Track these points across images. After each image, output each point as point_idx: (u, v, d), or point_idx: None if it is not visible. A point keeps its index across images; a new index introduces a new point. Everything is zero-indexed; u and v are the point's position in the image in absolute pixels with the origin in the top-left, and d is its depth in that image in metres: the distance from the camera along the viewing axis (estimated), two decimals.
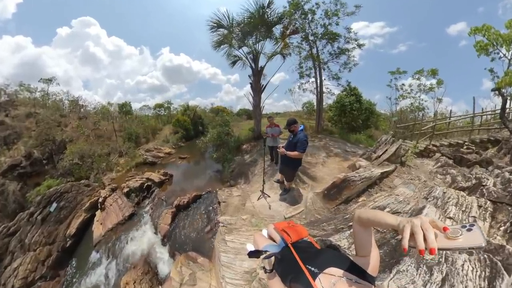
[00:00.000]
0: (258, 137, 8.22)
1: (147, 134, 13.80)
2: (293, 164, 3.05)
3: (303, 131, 2.94)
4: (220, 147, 7.59)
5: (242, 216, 3.03)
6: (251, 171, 5.37)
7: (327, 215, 2.59)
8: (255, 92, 7.97)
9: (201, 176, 6.73)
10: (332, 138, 8.58)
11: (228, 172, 5.82)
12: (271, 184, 4.10)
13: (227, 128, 7.93)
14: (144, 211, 5.00)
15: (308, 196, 3.34)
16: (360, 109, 10.20)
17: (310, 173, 4.44)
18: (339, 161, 5.03)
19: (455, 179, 2.97)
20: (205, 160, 9.07)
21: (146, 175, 6.62)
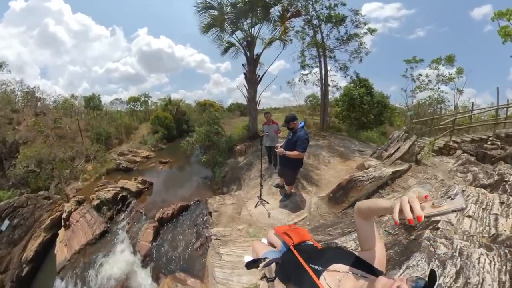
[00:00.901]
0: (254, 136, 8.37)
1: (120, 134, 13.62)
2: (293, 165, 3.20)
3: (303, 128, 3.08)
4: (209, 149, 7.70)
5: (238, 226, 3.14)
6: (246, 175, 5.49)
7: (333, 220, 2.75)
8: (249, 84, 8.13)
9: (187, 183, 6.78)
10: (339, 136, 8.86)
11: (220, 177, 5.92)
12: (270, 190, 4.23)
13: (217, 127, 8.04)
14: (120, 227, 4.97)
15: (311, 201, 3.50)
16: (371, 102, 10.53)
17: (313, 176, 4.61)
18: (347, 162, 5.24)
19: (477, 177, 3.20)
20: (192, 165, 9.12)
21: (120, 183, 6.57)
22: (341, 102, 11.62)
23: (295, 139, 2.98)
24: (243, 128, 9.74)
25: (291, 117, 3.09)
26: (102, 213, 5.40)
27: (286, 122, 3.08)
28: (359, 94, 10.34)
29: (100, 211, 5.46)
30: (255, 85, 8.15)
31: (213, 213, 3.94)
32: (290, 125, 3.08)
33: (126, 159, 9.37)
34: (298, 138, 2.94)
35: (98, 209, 5.50)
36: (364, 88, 10.58)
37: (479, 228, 1.81)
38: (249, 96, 8.27)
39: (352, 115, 10.99)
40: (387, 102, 10.90)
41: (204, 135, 7.58)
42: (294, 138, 3.00)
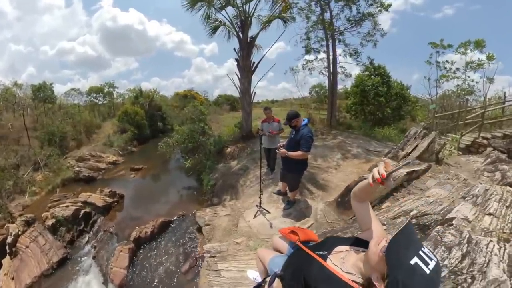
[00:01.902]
0: (248, 136, 8.66)
1: (79, 134, 13.48)
2: (297, 167, 3.49)
3: (307, 125, 3.37)
4: (193, 152, 7.89)
5: (236, 240, 3.36)
6: (241, 182, 5.74)
7: (343, 226, 3.07)
8: (243, 73, 8.42)
9: (168, 195, 6.94)
10: (350, 134, 9.28)
11: (208, 186, 6.10)
12: (271, 197, 4.49)
13: (203, 125, 8.23)
14: (84, 252, 4.94)
15: (318, 207, 3.80)
16: (388, 94, 11.02)
17: (320, 181, 4.91)
18: (359, 164, 5.60)
19: (505, 175, 3.57)
20: (171, 172, 9.27)
21: (81, 197, 6.51)
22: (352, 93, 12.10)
23: (298, 138, 3.26)
24: (235, 126, 9.98)
25: (293, 114, 3.37)
26: (59, 236, 5.28)
27: (288, 119, 3.37)
28: (373, 84, 10.85)
29: (56, 233, 5.31)
30: (249, 73, 8.42)
31: (205, 227, 4.14)
32: (292, 123, 3.36)
33: (87, 166, 9.36)
34: (302, 136, 3.22)
35: (54, 230, 5.35)
36: (380, 77, 11.10)
37: (500, 225, 2.18)
38: (242, 87, 8.53)
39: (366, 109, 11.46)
40: (407, 94, 11.49)
41: (187, 135, 7.73)
42: (297, 136, 3.28)
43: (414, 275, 0.71)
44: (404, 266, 0.73)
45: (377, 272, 0.84)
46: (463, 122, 7.99)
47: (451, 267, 1.51)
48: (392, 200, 3.31)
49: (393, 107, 10.85)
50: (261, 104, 29.45)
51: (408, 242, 0.79)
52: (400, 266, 0.73)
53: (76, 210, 5.91)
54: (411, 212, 2.60)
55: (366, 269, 0.92)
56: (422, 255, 0.75)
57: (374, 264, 0.86)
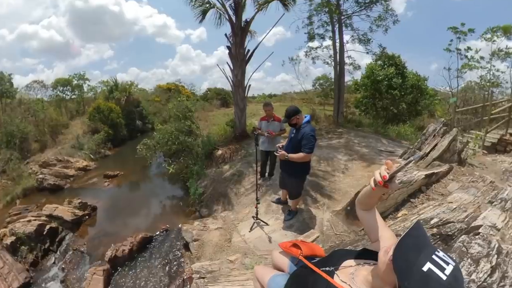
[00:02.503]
0: (242, 135, 8.68)
1: (43, 135, 13.36)
2: (299, 171, 3.51)
3: (309, 123, 3.39)
4: (178, 156, 7.87)
5: (229, 258, 3.36)
6: (234, 190, 5.75)
7: (354, 238, 3.09)
8: (235, 62, 8.44)
9: (149, 205, 6.93)
10: (360, 133, 9.35)
11: (196, 195, 6.07)
12: (269, 207, 4.49)
13: (190, 123, 8.23)
14: (50, 275, 4.87)
15: (324, 217, 3.82)
16: (403, 86, 11.14)
17: (325, 187, 4.95)
18: (370, 167, 5.64)
19: None
20: (153, 179, 9.24)
21: (46, 210, 6.45)
22: (362, 86, 12.21)
23: (299, 138, 3.28)
24: (227, 124, 9.99)
25: (293, 110, 3.38)
26: (20, 256, 5.19)
27: (287, 116, 3.38)
28: (386, 75, 10.99)
29: (17, 253, 5.22)
30: (243, 63, 8.44)
31: (192, 244, 4.12)
32: (292, 121, 3.37)
33: (53, 172, 9.26)
34: (303, 136, 3.24)
35: (14, 250, 5.25)
36: (394, 68, 11.23)
37: None
38: (234, 79, 8.54)
39: (377, 103, 11.56)
40: (424, 86, 11.65)
41: (171, 135, 7.72)
42: (298, 136, 3.30)
43: (429, 282, 0.71)
44: (415, 274, 0.72)
45: (387, 284, 0.84)
46: (488, 117, 8.13)
47: (479, 282, 1.52)
48: (409, 208, 3.34)
49: (409, 101, 10.98)
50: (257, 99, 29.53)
51: (418, 245, 0.79)
52: (410, 274, 0.73)
53: (40, 226, 5.82)
54: (431, 220, 2.62)
55: (377, 283, 0.92)
56: (436, 260, 0.74)
57: (383, 275, 0.86)
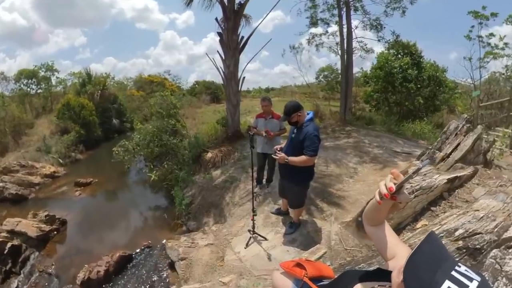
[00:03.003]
0: (236, 135, 8.70)
1: (3, 136, 13.11)
2: (301, 177, 3.48)
3: (312, 121, 3.38)
4: (161, 160, 7.82)
5: (222, 279, 3.32)
6: (227, 199, 5.74)
7: (366, 254, 3.06)
8: (227, 51, 8.45)
9: (128, 218, 6.87)
10: (371, 131, 9.41)
11: (183, 205, 6.06)
12: (268, 218, 4.47)
13: (175, 122, 8.18)
14: None
15: (331, 230, 3.80)
16: (419, 79, 11.26)
17: (332, 194, 4.94)
18: (383, 170, 5.66)
19: None
20: (132, 187, 9.18)
21: (7, 224, 6.33)
22: (373, 78, 12.28)
23: (301, 138, 3.25)
24: (217, 123, 9.97)
25: (293, 105, 3.35)
26: None
27: (286, 113, 3.35)
28: (401, 66, 11.08)
29: None
30: (236, 52, 8.45)
31: (179, 263, 4.07)
32: (293, 118, 3.34)
33: (15, 180, 9.11)
34: (306, 136, 3.22)
35: None
36: (409, 57, 11.34)
37: None
38: (226, 70, 8.55)
39: (390, 98, 11.62)
40: (443, 78, 11.83)
41: (152, 136, 7.68)
42: (300, 136, 3.28)
43: None
44: None
45: None
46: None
47: None
48: (429, 217, 3.34)
49: (426, 95, 11.07)
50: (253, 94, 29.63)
51: (433, 261, 0.75)
52: None
53: (0, 243, 5.71)
54: (455, 231, 2.62)
55: None
56: (456, 277, 0.70)
57: None
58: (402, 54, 11.39)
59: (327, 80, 18.61)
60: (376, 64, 12.13)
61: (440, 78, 11.47)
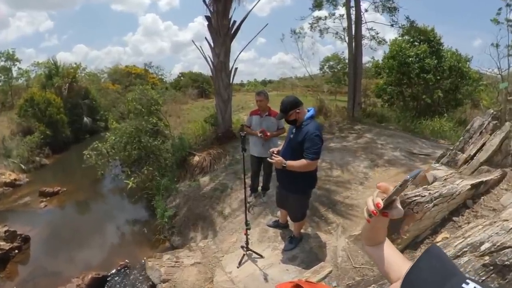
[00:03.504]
0: (227, 136, 8.69)
1: None
2: (302, 184, 3.47)
3: (313, 119, 3.38)
4: (140, 164, 7.80)
5: None
6: (216, 211, 5.73)
7: (379, 273, 3.02)
8: (217, 38, 8.45)
9: (102, 233, 6.85)
10: (384, 130, 9.44)
11: (165, 218, 6.05)
12: (264, 232, 4.46)
13: (155, 120, 8.17)
14: None
15: (338, 245, 3.78)
16: (439, 69, 11.33)
17: (339, 203, 4.93)
18: (398, 175, 5.66)
19: None
20: (107, 196, 9.15)
21: None
22: (385, 69, 12.34)
23: (300, 139, 3.25)
24: (206, 121, 9.97)
25: (290, 102, 3.34)
26: None
27: (283, 111, 3.35)
28: (417, 54, 11.18)
29: None
30: (227, 39, 8.44)
31: (161, 285, 4.05)
32: (291, 116, 3.34)
33: None
34: (306, 136, 3.21)
35: None
36: (427, 45, 11.42)
37: None
38: (215, 60, 8.55)
39: (406, 91, 11.68)
40: (466, 68, 11.89)
41: (130, 137, 7.66)
42: (299, 137, 3.28)
43: None
44: None
45: None
46: None
47: None
48: (451, 229, 3.34)
49: (447, 87, 11.14)
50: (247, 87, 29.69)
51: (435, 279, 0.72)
52: None
53: None
54: (481, 245, 2.60)
55: None
56: None
57: None
58: (419, 41, 11.44)
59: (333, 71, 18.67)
60: (388, 52, 12.18)
61: (463, 68, 11.54)
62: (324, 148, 3.36)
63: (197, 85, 23.92)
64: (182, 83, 25.00)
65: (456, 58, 11.56)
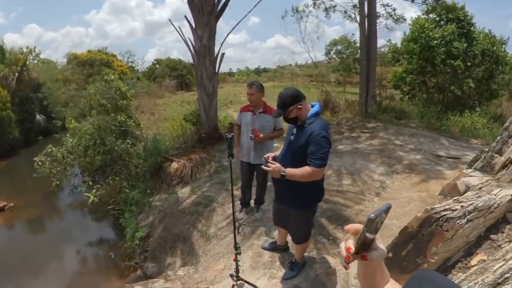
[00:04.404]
0: (211, 136, 8.67)
1: None
2: (305, 197, 3.43)
3: (318, 116, 3.34)
4: (105, 173, 7.80)
5: None
6: (199, 230, 5.70)
7: None
8: (199, 16, 8.42)
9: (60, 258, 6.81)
10: (403, 128, 9.48)
11: (136, 239, 5.99)
12: (258, 256, 4.42)
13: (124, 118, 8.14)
14: None
15: (350, 272, 3.69)
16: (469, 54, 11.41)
17: (350, 218, 4.94)
18: (422, 184, 5.67)
19: None
20: (65, 212, 9.09)
21: None
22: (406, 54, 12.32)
23: (303, 142, 3.21)
24: (186, 119, 9.90)
25: (290, 95, 3.29)
26: None
27: (281, 107, 3.29)
28: (443, 37, 11.23)
29: None
30: (211, 18, 8.42)
31: None
32: (290, 113, 3.29)
33: None
34: (310, 138, 3.16)
35: None
36: (455, 25, 11.44)
37: None
38: (197, 44, 8.52)
39: (430, 81, 11.67)
40: (502, 53, 11.95)
41: (93, 139, 7.64)
42: (302, 138, 3.24)
43: None
44: None
45: None
46: None
47: None
48: (488, 249, 3.31)
49: (479, 76, 11.19)
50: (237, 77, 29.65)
51: None
52: None
53: None
54: None
55: None
56: None
57: None
58: (446, 20, 11.49)
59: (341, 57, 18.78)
60: (409, 34, 12.21)
61: (498, 53, 11.60)
62: (331, 151, 3.30)
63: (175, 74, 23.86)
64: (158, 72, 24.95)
65: (490, 40, 11.63)
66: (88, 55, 24.16)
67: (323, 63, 19.39)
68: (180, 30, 8.81)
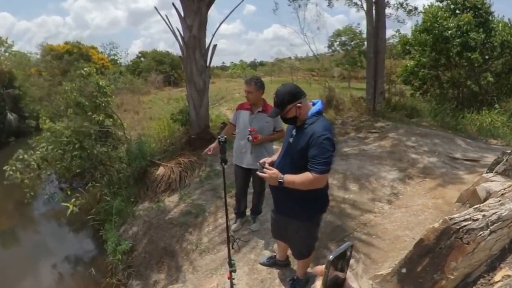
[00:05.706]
0: (202, 138, 8.63)
1: None
2: (306, 206, 3.38)
3: (321, 114, 3.29)
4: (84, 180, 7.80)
5: None
6: (190, 243, 5.66)
7: None
8: (189, 5, 8.44)
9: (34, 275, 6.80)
10: (415, 127, 9.51)
11: (119, 253, 5.95)
12: (254, 273, 4.39)
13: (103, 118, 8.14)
14: None
15: None
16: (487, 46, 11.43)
17: (358, 230, 4.93)
18: (437, 190, 5.67)
19: None
20: (40, 224, 9.08)
21: None
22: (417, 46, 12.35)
23: (303, 144, 3.16)
24: (174, 119, 9.88)
25: (288, 93, 3.25)
26: None
27: (278, 105, 3.25)
28: (459, 26, 11.26)
29: None
30: (202, 6, 8.41)
31: None
32: (289, 112, 3.24)
33: None
34: (311, 140, 3.11)
35: None
36: (472, 14, 11.45)
37: None
38: (187, 35, 8.52)
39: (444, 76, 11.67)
40: None
41: (70, 141, 7.59)
42: (301, 141, 3.19)
43: None
44: None
45: None
46: None
47: None
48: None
49: (498, 70, 11.21)
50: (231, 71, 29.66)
51: None
52: None
53: None
54: None
55: None
56: None
57: None
58: (461, 8, 11.52)
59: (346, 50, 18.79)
60: (421, 24, 12.23)
61: None
62: (336, 154, 3.25)
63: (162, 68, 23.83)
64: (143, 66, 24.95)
65: (510, 31, 11.65)
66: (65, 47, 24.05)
67: (326, 56, 19.45)
68: (167, 19, 8.78)
